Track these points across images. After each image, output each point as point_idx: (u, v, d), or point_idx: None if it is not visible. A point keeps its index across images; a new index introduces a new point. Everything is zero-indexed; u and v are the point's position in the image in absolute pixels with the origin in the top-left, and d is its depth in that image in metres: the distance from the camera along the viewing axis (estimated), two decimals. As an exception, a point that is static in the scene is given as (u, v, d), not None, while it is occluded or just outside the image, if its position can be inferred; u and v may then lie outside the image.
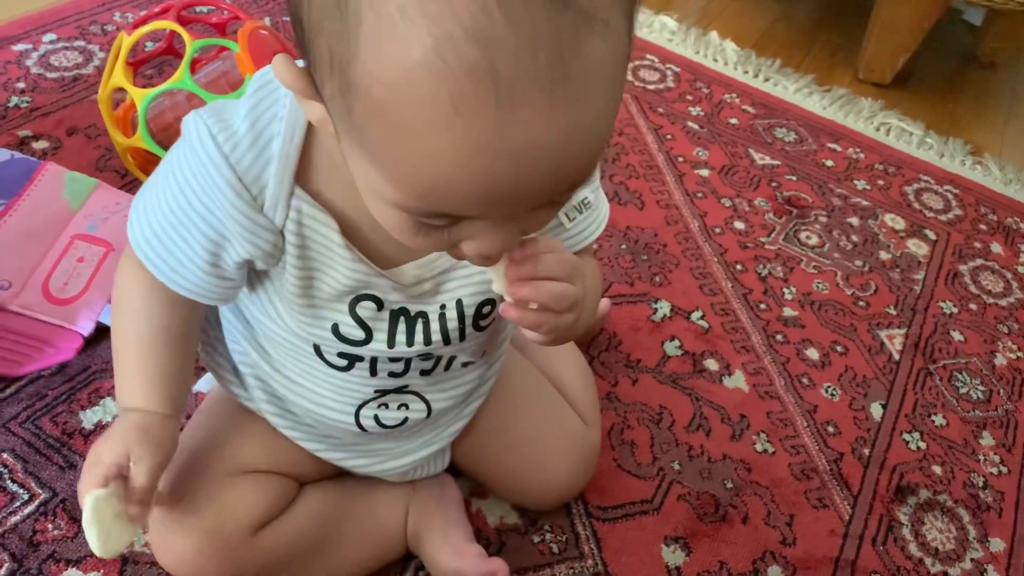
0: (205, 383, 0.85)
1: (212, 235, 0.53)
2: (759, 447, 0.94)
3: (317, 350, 0.61)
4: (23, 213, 0.92)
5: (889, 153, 1.50)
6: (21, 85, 1.17)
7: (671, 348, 1.03)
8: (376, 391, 0.64)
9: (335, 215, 0.53)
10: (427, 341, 0.60)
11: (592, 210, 0.62)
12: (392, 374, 0.64)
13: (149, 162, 1.03)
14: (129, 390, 0.60)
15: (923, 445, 1.00)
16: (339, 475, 0.74)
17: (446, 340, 0.60)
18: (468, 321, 0.60)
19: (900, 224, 1.33)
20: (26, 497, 0.75)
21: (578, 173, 0.40)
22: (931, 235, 1.33)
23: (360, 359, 0.61)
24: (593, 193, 0.62)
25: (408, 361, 0.63)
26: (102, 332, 0.88)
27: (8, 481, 0.76)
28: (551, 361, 0.83)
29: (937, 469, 0.97)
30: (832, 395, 1.03)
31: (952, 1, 1.57)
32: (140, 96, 0.96)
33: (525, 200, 0.40)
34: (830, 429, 0.98)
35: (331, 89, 0.40)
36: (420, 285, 0.58)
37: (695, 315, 1.08)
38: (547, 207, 0.43)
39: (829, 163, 1.43)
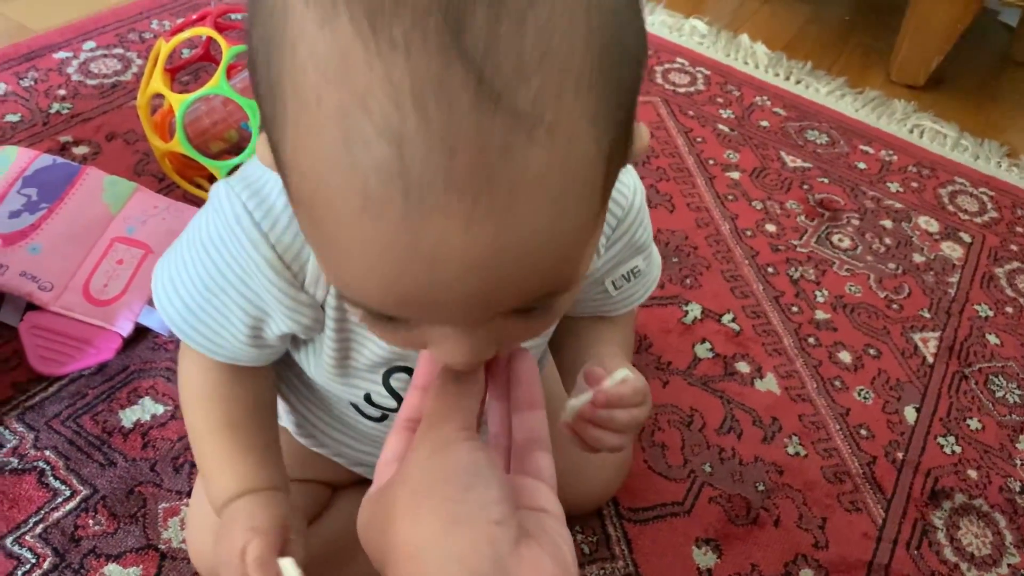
0: None
1: (253, 311, 0.52)
2: (791, 450, 0.94)
3: (353, 404, 0.61)
4: (65, 217, 0.94)
5: (923, 155, 1.48)
6: (62, 92, 1.20)
7: (702, 350, 1.03)
8: None
9: None
10: None
11: (641, 277, 0.60)
12: None
13: (186, 166, 1.05)
14: (240, 474, 0.55)
15: (958, 449, 0.98)
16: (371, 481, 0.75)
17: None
18: None
19: (934, 227, 1.32)
20: (68, 493, 0.77)
21: (522, 289, 0.35)
22: (966, 238, 1.31)
23: (394, 410, 0.61)
24: (644, 260, 0.60)
25: None
26: (140, 332, 0.90)
27: (51, 478, 0.77)
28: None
29: (972, 473, 0.96)
30: (865, 398, 1.02)
31: (987, 2, 1.56)
32: (178, 101, 0.98)
33: (459, 312, 0.35)
34: (863, 432, 0.98)
35: (279, 167, 0.37)
36: None
37: (726, 318, 1.08)
38: (519, 316, 0.38)
39: (861, 165, 1.42)
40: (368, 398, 0.58)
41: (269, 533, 0.51)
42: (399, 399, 0.57)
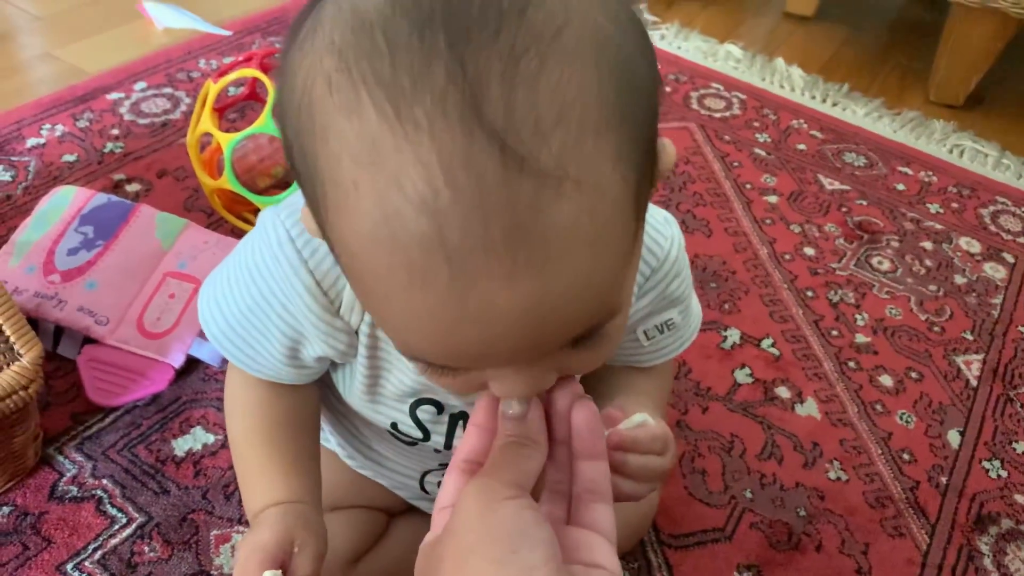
0: None
1: (290, 332, 0.54)
2: (832, 475, 0.94)
3: (392, 426, 0.62)
4: (119, 253, 0.98)
5: (963, 175, 1.47)
6: (115, 132, 1.25)
7: (742, 376, 1.03)
8: (441, 464, 0.65)
9: None
10: None
11: (675, 331, 0.60)
12: None
13: (235, 202, 1.08)
14: (267, 488, 0.56)
15: (1004, 473, 0.97)
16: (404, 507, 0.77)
17: None
18: None
19: (976, 247, 1.31)
20: (124, 521, 0.79)
21: (569, 330, 0.37)
22: (1009, 258, 1.30)
23: (437, 434, 0.62)
24: (680, 315, 0.60)
25: None
26: (192, 364, 0.93)
27: (108, 505, 0.80)
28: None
29: (1020, 498, 0.95)
30: (907, 422, 1.01)
31: (1026, 19, 1.55)
32: (226, 140, 1.01)
33: (513, 357, 0.38)
34: (905, 457, 0.97)
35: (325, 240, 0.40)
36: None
37: (765, 342, 1.08)
38: (573, 348, 0.39)
39: (900, 187, 1.42)
40: (395, 427, 0.59)
41: (267, 549, 0.51)
42: (425, 431, 0.58)
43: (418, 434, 0.59)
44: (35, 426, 0.80)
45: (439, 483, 0.65)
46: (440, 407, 0.58)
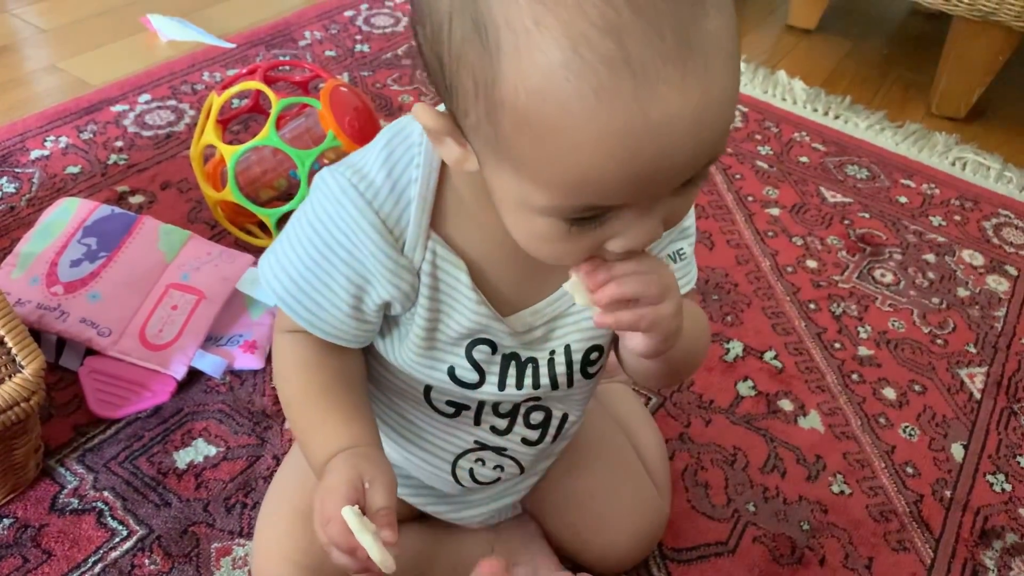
0: None
1: (355, 279, 0.56)
2: (836, 488, 0.93)
3: (427, 396, 0.63)
4: (122, 265, 0.98)
5: (965, 188, 1.47)
6: (119, 144, 1.25)
7: (744, 388, 1.03)
8: (476, 442, 0.66)
9: (463, 259, 0.56)
10: (535, 385, 0.61)
11: (686, 262, 0.63)
12: (495, 429, 0.65)
13: (237, 213, 1.08)
14: (330, 437, 0.57)
15: (1008, 487, 0.97)
16: (424, 517, 0.77)
17: (554, 385, 0.62)
18: (576, 367, 0.62)
19: (979, 260, 1.31)
20: (125, 533, 0.79)
21: (712, 144, 0.43)
22: (1012, 271, 1.30)
23: (467, 408, 0.63)
24: (689, 247, 0.63)
25: (514, 420, 0.65)
26: (194, 376, 0.93)
27: (109, 518, 0.80)
28: (632, 427, 0.83)
29: (1024, 512, 0.95)
30: (910, 435, 1.01)
31: (1028, 33, 1.55)
32: (229, 152, 1.01)
33: (669, 177, 0.43)
34: (909, 470, 0.97)
35: (476, 116, 0.44)
36: (532, 332, 0.60)
37: (768, 355, 1.08)
38: (684, 188, 0.45)
39: (903, 199, 1.42)
40: (452, 372, 0.60)
41: (338, 489, 0.52)
42: (481, 372, 0.60)
43: (474, 376, 0.60)
44: (36, 438, 0.80)
45: (471, 471, 0.67)
46: (494, 347, 0.59)
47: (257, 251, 1.07)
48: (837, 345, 1.11)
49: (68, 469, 0.84)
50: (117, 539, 0.79)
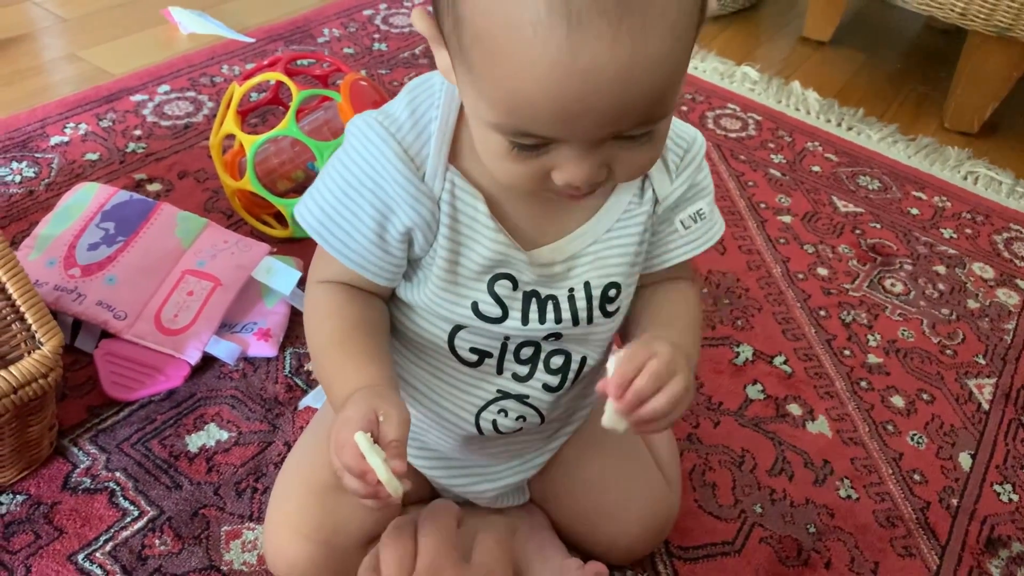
0: (314, 398, 0.89)
1: (379, 205, 0.59)
2: (843, 493, 0.94)
3: (451, 343, 0.65)
4: (139, 249, 0.99)
5: (977, 202, 1.48)
6: (138, 132, 1.26)
7: (753, 392, 1.03)
8: (499, 391, 0.67)
9: (480, 191, 0.60)
10: (557, 319, 0.63)
11: (706, 222, 0.67)
12: (516, 376, 0.67)
13: (255, 204, 1.09)
14: (350, 378, 0.60)
15: (1015, 497, 0.97)
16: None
17: (575, 320, 0.64)
18: (595, 303, 0.64)
19: (989, 273, 1.31)
20: (136, 513, 0.80)
21: (641, 102, 0.47)
22: (1022, 285, 1.30)
23: (489, 355, 0.65)
24: (708, 206, 0.67)
25: (535, 365, 0.66)
26: (207, 361, 0.94)
27: (120, 498, 0.81)
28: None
29: (1030, 522, 0.95)
30: (918, 443, 1.01)
31: (1042, 50, 1.56)
32: (249, 142, 1.02)
33: (595, 122, 0.47)
34: (916, 477, 0.97)
35: (448, 26, 0.49)
36: (552, 267, 0.63)
37: (778, 360, 1.09)
38: (630, 144, 0.50)
39: (914, 211, 1.42)
40: (476, 307, 0.62)
41: (352, 419, 0.54)
42: (504, 307, 0.62)
43: (497, 311, 0.62)
44: (51, 416, 0.81)
45: (494, 421, 0.68)
46: (515, 283, 0.62)
47: (273, 241, 1.08)
48: (846, 352, 1.12)
49: (81, 449, 0.84)
50: (128, 519, 0.79)
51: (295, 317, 1.01)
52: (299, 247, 1.09)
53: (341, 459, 0.54)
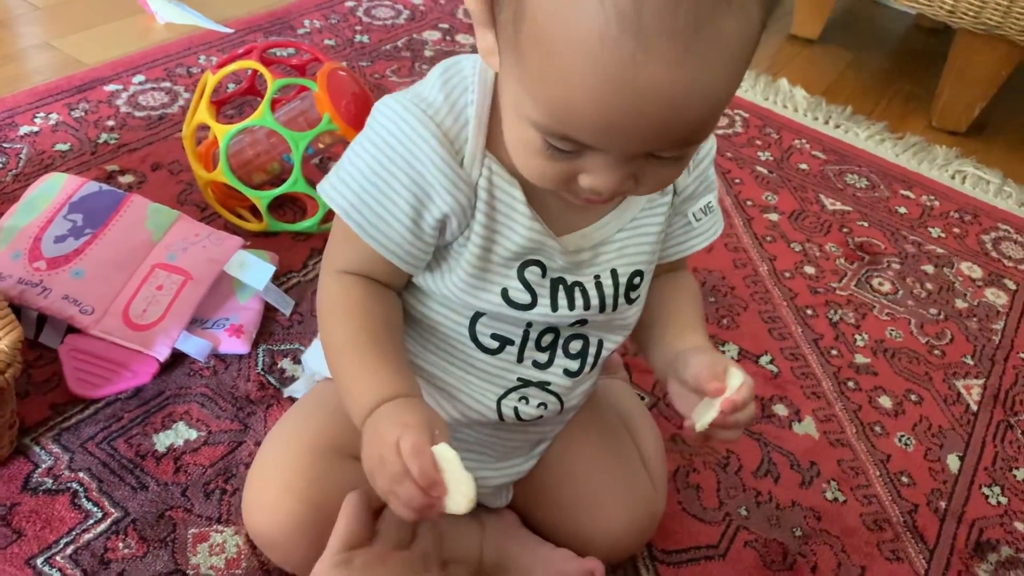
0: (304, 385, 0.86)
1: (416, 190, 0.57)
2: (829, 495, 0.92)
3: (472, 330, 0.63)
4: (108, 242, 0.96)
5: (965, 201, 1.46)
6: (111, 123, 1.23)
7: (738, 391, 1.01)
8: (519, 379, 0.66)
9: (518, 178, 0.58)
10: (586, 306, 0.63)
11: (713, 214, 0.69)
12: (536, 364, 0.66)
13: (228, 196, 1.06)
14: (379, 383, 0.58)
15: (1004, 500, 0.95)
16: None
17: (602, 306, 0.64)
18: (622, 290, 0.64)
19: (977, 273, 1.30)
20: (99, 515, 0.77)
21: (687, 127, 0.46)
22: (1011, 284, 1.29)
23: (511, 343, 0.64)
24: (715, 200, 0.69)
25: (554, 352, 0.66)
26: (177, 358, 0.91)
27: (83, 499, 0.78)
28: (630, 422, 0.82)
29: (1020, 526, 0.93)
30: (906, 445, 0.99)
31: (1031, 49, 1.55)
32: (222, 132, 0.99)
33: (640, 139, 0.47)
34: (904, 479, 0.95)
35: (506, 15, 0.48)
36: (580, 254, 0.62)
37: (764, 359, 1.07)
38: (660, 162, 0.50)
39: (902, 210, 1.40)
40: (505, 293, 0.61)
41: (420, 426, 0.54)
42: (533, 293, 0.62)
43: (527, 297, 0.62)
44: (12, 414, 0.78)
45: (515, 409, 0.67)
46: (544, 269, 0.61)
47: (247, 235, 1.05)
48: (834, 352, 1.10)
49: (43, 448, 0.81)
50: (91, 521, 0.76)
51: (268, 313, 0.98)
52: (274, 241, 1.06)
53: (417, 466, 0.52)
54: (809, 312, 1.15)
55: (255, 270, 0.95)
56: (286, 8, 1.60)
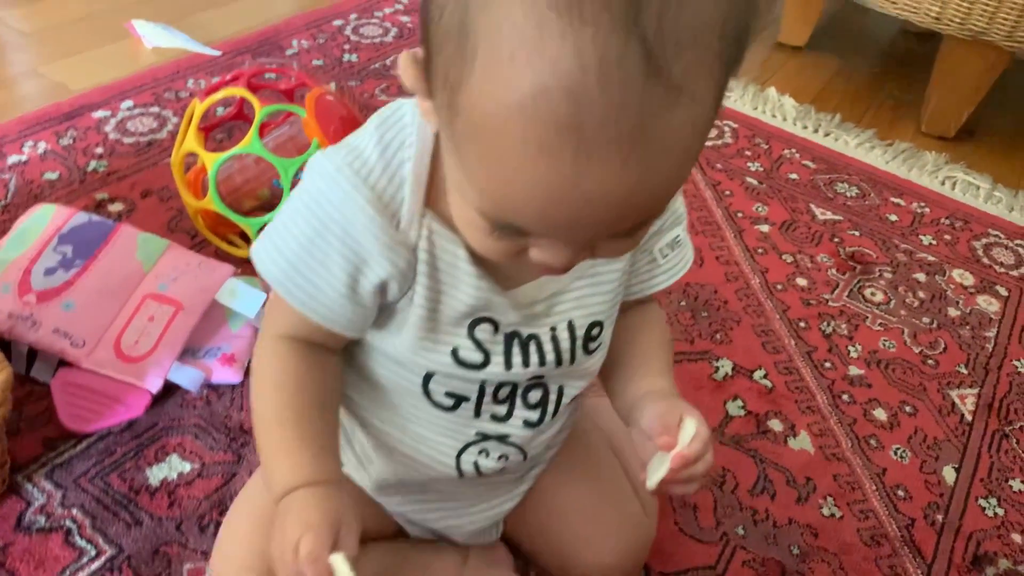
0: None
1: (351, 257, 0.55)
2: (826, 511, 0.92)
3: (425, 388, 0.61)
4: (98, 274, 0.96)
5: (955, 207, 1.47)
6: (99, 150, 1.23)
7: (734, 408, 1.01)
8: (478, 434, 0.64)
9: (459, 235, 0.55)
10: (542, 362, 0.61)
11: (682, 248, 0.66)
12: (495, 417, 0.64)
13: (219, 223, 1.06)
14: (297, 465, 0.57)
15: (1001, 511, 0.95)
16: (396, 539, 0.74)
17: (558, 361, 0.62)
18: (579, 343, 0.62)
19: (969, 280, 1.30)
20: (93, 553, 0.76)
21: (639, 216, 0.45)
22: (1002, 291, 1.29)
23: (466, 399, 0.62)
24: (684, 233, 0.65)
25: (512, 404, 0.64)
26: (169, 390, 0.91)
27: (77, 537, 0.77)
28: (618, 444, 0.81)
29: (1017, 537, 0.93)
30: (901, 458, 0.99)
31: (1017, 52, 1.55)
32: (211, 160, 0.99)
33: (588, 232, 0.45)
34: (900, 493, 0.95)
35: (440, 100, 0.44)
36: (534, 306, 0.60)
37: (758, 374, 1.07)
38: (615, 237, 0.47)
39: (893, 218, 1.41)
40: (456, 353, 0.59)
41: (322, 528, 0.52)
42: (485, 352, 0.59)
43: (479, 356, 0.59)
44: (2, 453, 0.77)
45: (475, 463, 0.65)
46: (496, 325, 0.59)
47: (238, 262, 1.05)
48: (827, 364, 1.10)
49: (36, 485, 0.81)
50: (85, 559, 0.76)
51: (261, 340, 0.97)
52: (266, 267, 1.06)
53: (308, 572, 0.51)
54: (802, 325, 1.15)
55: (246, 298, 0.95)
56: (274, 28, 1.60)
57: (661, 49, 0.38)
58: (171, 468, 0.84)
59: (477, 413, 0.63)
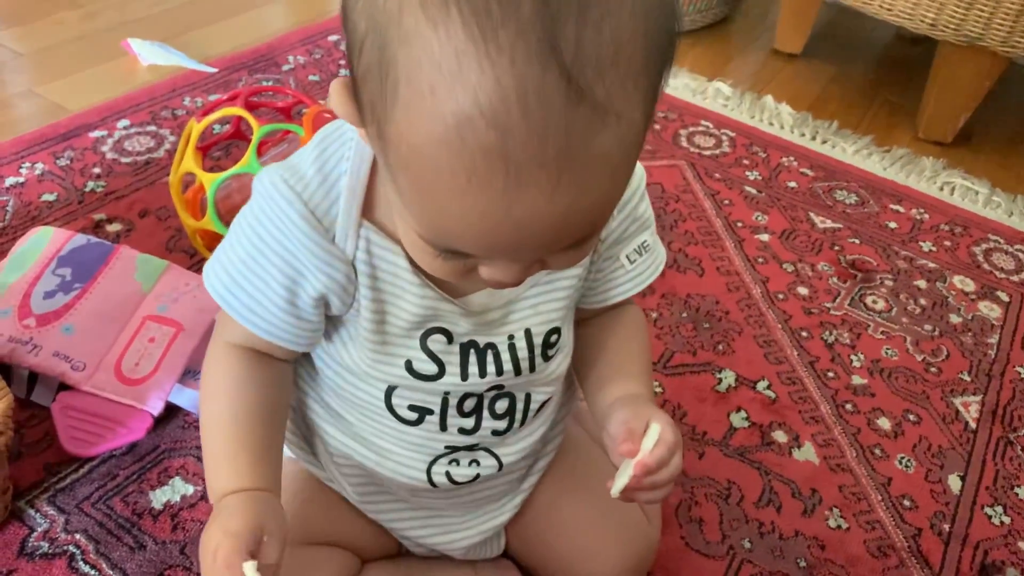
0: None
1: (288, 271, 0.56)
2: (832, 523, 0.91)
3: (388, 403, 0.61)
4: (98, 296, 0.95)
5: (955, 213, 1.47)
6: (97, 170, 1.23)
7: (737, 420, 1.01)
8: (447, 447, 0.64)
9: (400, 244, 0.56)
10: (499, 371, 0.61)
11: (650, 253, 0.65)
12: (463, 431, 0.64)
13: (217, 243, 1.05)
14: (233, 471, 0.58)
15: (1007, 519, 0.95)
16: (400, 556, 0.74)
17: (517, 370, 0.61)
18: (537, 351, 0.62)
19: (970, 286, 1.30)
20: (97, 579, 0.76)
21: (579, 233, 0.45)
22: (1004, 296, 1.29)
23: (430, 412, 0.62)
24: (651, 237, 0.65)
25: (480, 416, 0.63)
26: (171, 412, 0.90)
27: (81, 562, 0.77)
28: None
29: (1024, 545, 0.93)
30: (906, 467, 0.99)
31: (1014, 57, 1.55)
32: (209, 180, 0.99)
33: (531, 252, 0.46)
34: (906, 503, 0.95)
35: (371, 130, 0.45)
36: (488, 314, 0.59)
37: (761, 384, 1.06)
38: (566, 251, 0.47)
39: (892, 225, 1.41)
40: (410, 366, 0.59)
41: (241, 536, 0.52)
42: (440, 363, 0.59)
43: (433, 368, 0.59)
44: (4, 479, 0.77)
45: (447, 473, 0.65)
46: (449, 336, 0.59)
47: (238, 281, 1.04)
48: (830, 374, 1.10)
49: (38, 511, 0.80)
50: (89, 585, 0.75)
51: (262, 360, 0.97)
52: (266, 286, 1.05)
53: (214, 560, 0.52)
54: (804, 334, 1.15)
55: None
56: (269, 44, 1.60)
57: (581, 73, 0.38)
58: (174, 491, 0.84)
59: (443, 427, 0.63)
